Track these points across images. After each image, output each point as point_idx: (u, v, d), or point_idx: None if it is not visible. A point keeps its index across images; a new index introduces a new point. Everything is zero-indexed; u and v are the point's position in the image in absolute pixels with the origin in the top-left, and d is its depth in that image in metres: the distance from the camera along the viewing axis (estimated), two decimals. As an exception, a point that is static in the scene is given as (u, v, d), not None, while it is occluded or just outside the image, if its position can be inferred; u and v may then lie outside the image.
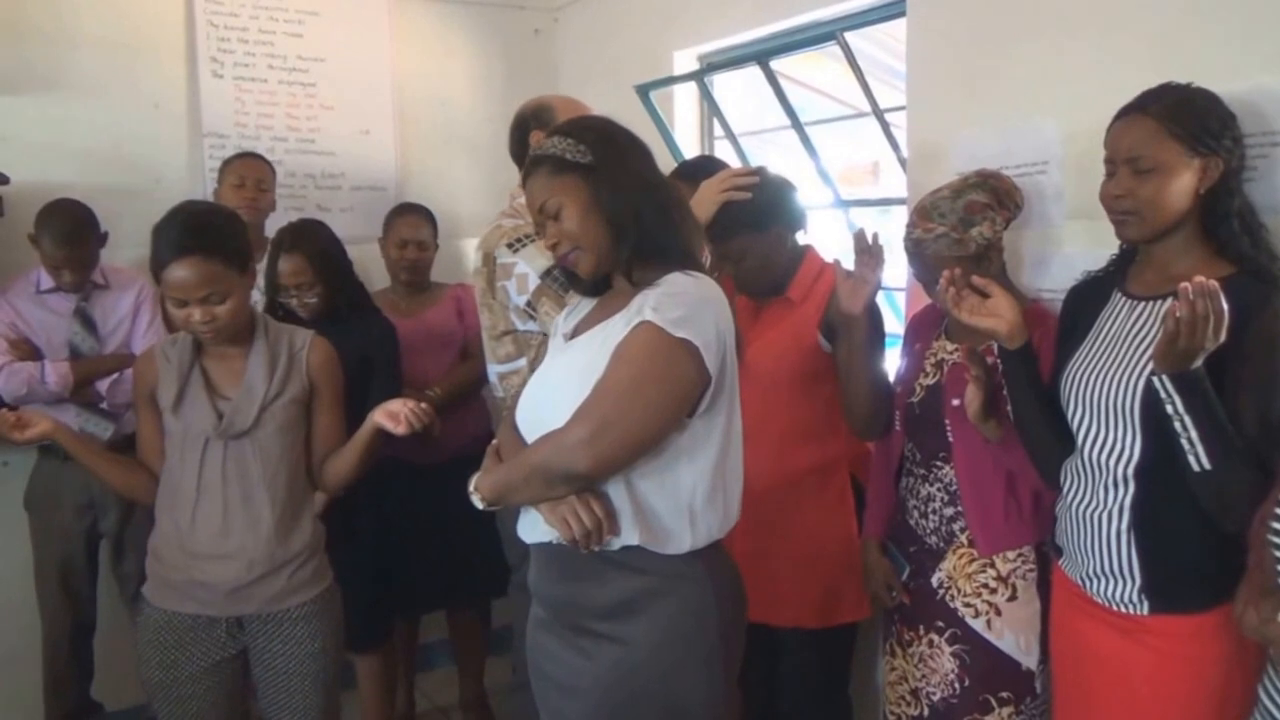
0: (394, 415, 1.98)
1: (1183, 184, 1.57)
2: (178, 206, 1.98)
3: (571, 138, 1.61)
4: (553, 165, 1.60)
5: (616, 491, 1.55)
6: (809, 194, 3.07)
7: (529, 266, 2.16)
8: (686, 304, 1.52)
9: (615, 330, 1.56)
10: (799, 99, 3.40)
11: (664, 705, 1.57)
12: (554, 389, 1.62)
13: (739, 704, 2.72)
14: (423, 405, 2.02)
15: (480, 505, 1.65)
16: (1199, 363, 1.41)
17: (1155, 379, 1.45)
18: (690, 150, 3.41)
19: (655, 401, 1.50)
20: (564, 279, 1.72)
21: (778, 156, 3.28)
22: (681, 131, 3.45)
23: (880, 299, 2.84)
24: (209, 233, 1.92)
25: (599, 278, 1.66)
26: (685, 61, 3.38)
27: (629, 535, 1.55)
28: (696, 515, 1.58)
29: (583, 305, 1.76)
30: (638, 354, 1.50)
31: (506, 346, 2.28)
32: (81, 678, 3.00)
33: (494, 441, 1.72)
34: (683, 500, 1.57)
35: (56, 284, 2.81)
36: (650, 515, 1.56)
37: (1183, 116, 1.56)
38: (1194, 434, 1.43)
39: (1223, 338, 1.38)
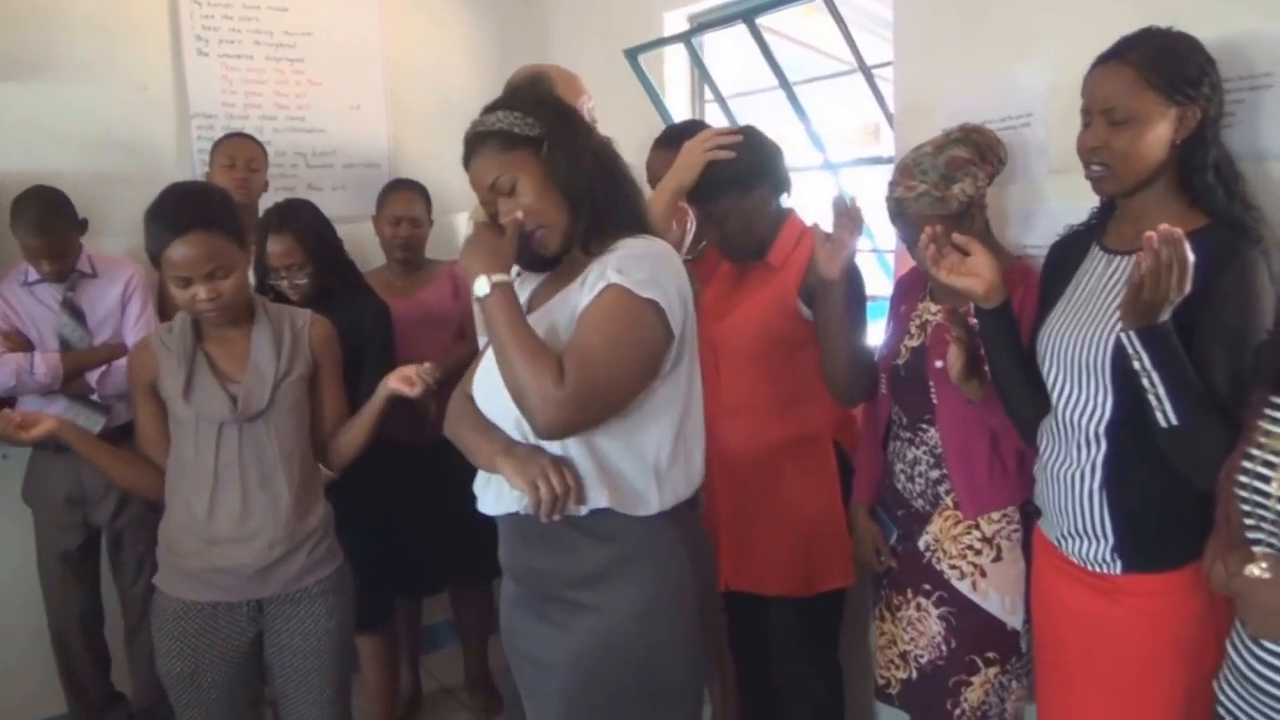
0: (407, 379, 2.01)
1: (1158, 135, 1.53)
2: (168, 188, 1.96)
3: (517, 111, 1.59)
4: (501, 140, 1.57)
5: (579, 455, 1.53)
6: (800, 156, 3.04)
7: None
8: (649, 265, 1.52)
9: (573, 297, 1.55)
10: (795, 56, 3.33)
11: (641, 671, 1.57)
12: None
13: (732, 672, 2.76)
14: (429, 364, 2.05)
15: (484, 290, 1.53)
16: (1166, 316, 1.38)
17: (1122, 335, 1.42)
18: (682, 114, 3.37)
19: (630, 365, 1.50)
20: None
21: (775, 117, 3.22)
22: (673, 95, 3.40)
23: (873, 261, 2.83)
24: (206, 208, 1.91)
25: (565, 252, 1.63)
26: (675, 22, 3.32)
27: (597, 498, 1.54)
28: (663, 476, 1.57)
29: (530, 278, 1.74)
30: (609, 317, 1.49)
31: None
32: (98, 668, 3.01)
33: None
34: (648, 462, 1.56)
35: (39, 274, 2.78)
36: (618, 477, 1.55)
37: (1161, 64, 1.51)
38: (1161, 390, 1.40)
39: (1188, 288, 1.35)
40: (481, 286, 1.52)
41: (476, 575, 3.14)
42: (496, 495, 1.63)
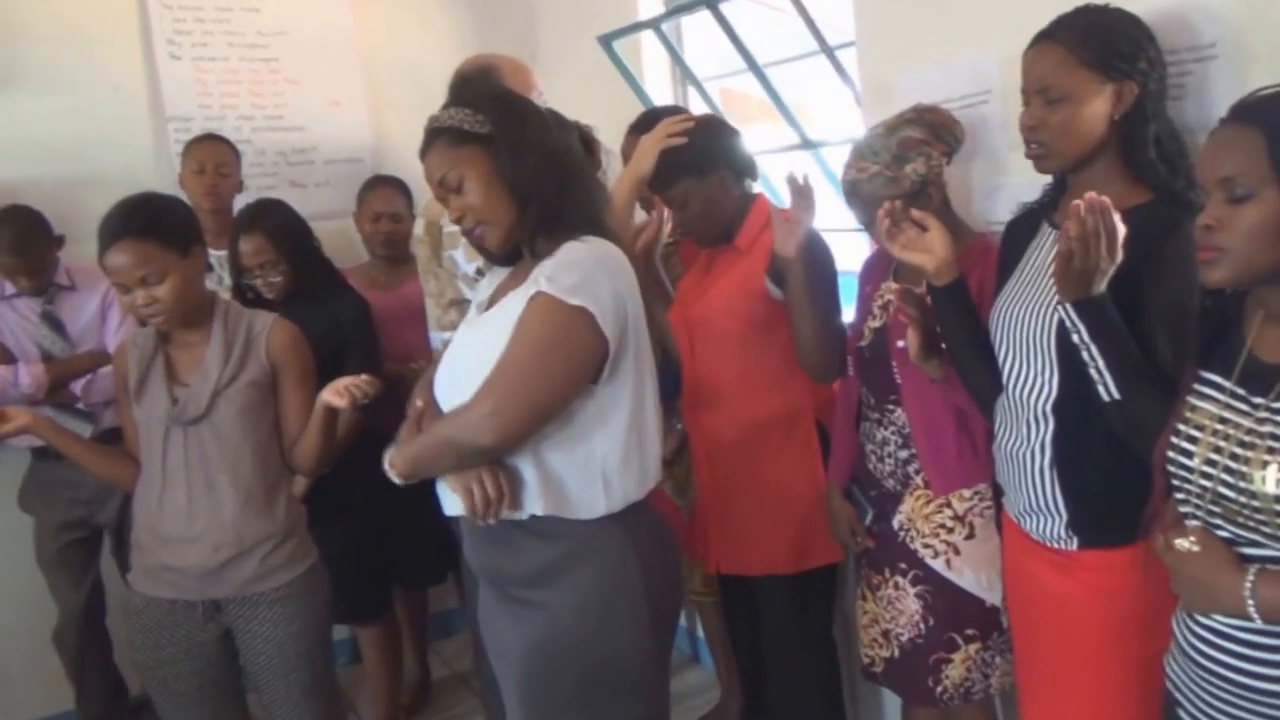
0: (337, 390, 2.00)
1: (1094, 112, 1.53)
2: (120, 200, 2.00)
3: (469, 108, 1.60)
4: (451, 137, 1.59)
5: (524, 463, 1.56)
6: (781, 135, 3.02)
7: None
8: (581, 271, 1.52)
9: (516, 304, 1.56)
10: (787, 28, 3.25)
11: (587, 668, 1.59)
12: (464, 363, 1.62)
13: (732, 654, 2.78)
14: (365, 377, 2.03)
15: (397, 480, 1.64)
16: (1101, 288, 1.39)
17: (1060, 308, 1.43)
18: (664, 99, 3.35)
19: (555, 371, 1.52)
20: (478, 249, 1.70)
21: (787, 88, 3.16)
22: (653, 80, 3.38)
23: (860, 239, 2.82)
24: (140, 216, 1.94)
25: (509, 250, 1.65)
26: (650, 6, 3.30)
27: (534, 505, 1.57)
28: (611, 480, 1.58)
29: (499, 272, 1.75)
30: (534, 325, 1.52)
31: (452, 315, 2.28)
32: (103, 659, 3.05)
33: (417, 404, 1.71)
34: (595, 467, 1.58)
35: (16, 289, 2.81)
36: (558, 485, 1.57)
37: (1093, 42, 1.51)
38: (1101, 363, 1.41)
39: (1119, 257, 1.36)
40: (394, 477, 1.64)
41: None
42: (448, 496, 1.65)
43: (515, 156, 1.57)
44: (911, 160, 1.86)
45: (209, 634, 2.08)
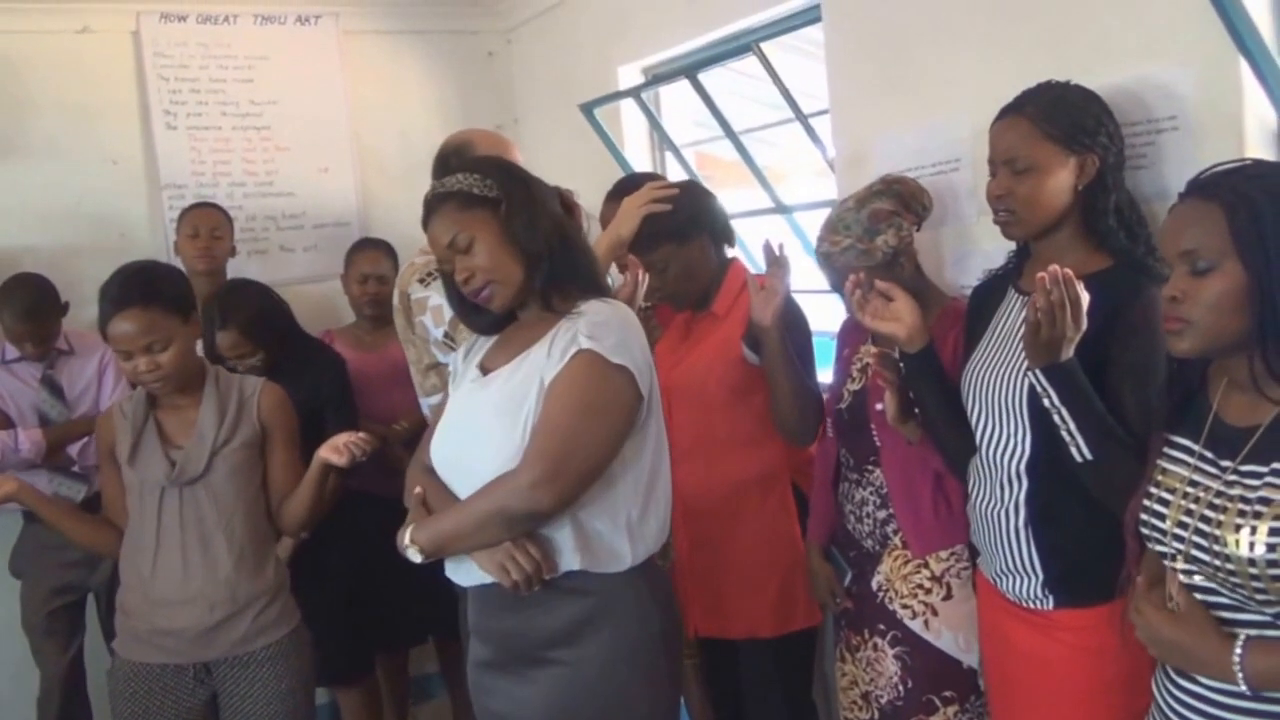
0: (336, 448, 2.03)
1: (1060, 182, 1.60)
2: (120, 267, 2.05)
3: (476, 173, 1.64)
4: (460, 200, 1.62)
5: (560, 521, 1.57)
6: (755, 199, 3.09)
7: (442, 298, 2.17)
8: (617, 331, 1.56)
9: (539, 360, 1.58)
10: (762, 94, 3.35)
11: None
12: (477, 427, 1.63)
13: (713, 716, 2.76)
14: (362, 435, 2.06)
15: (418, 559, 1.63)
16: (1069, 354, 1.43)
17: (1030, 374, 1.47)
18: (642, 164, 3.43)
19: (605, 430, 1.55)
20: (465, 316, 1.73)
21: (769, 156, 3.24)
22: (633, 146, 3.46)
23: (835, 300, 2.87)
24: (145, 284, 1.99)
25: (512, 309, 1.67)
26: (630, 76, 3.39)
27: (570, 561, 1.58)
28: (635, 531, 1.61)
29: (483, 341, 1.77)
30: (582, 384, 1.54)
31: (432, 379, 2.31)
32: None
33: (416, 490, 1.70)
34: (621, 519, 1.60)
35: (20, 354, 2.86)
36: (593, 539, 1.59)
37: (1057, 116, 1.58)
38: (1072, 425, 1.45)
39: (1084, 325, 1.40)
40: (414, 556, 1.63)
41: (455, 624, 3.14)
42: (469, 569, 1.65)
43: (526, 218, 1.61)
44: (883, 232, 1.91)
45: (197, 699, 2.08)
